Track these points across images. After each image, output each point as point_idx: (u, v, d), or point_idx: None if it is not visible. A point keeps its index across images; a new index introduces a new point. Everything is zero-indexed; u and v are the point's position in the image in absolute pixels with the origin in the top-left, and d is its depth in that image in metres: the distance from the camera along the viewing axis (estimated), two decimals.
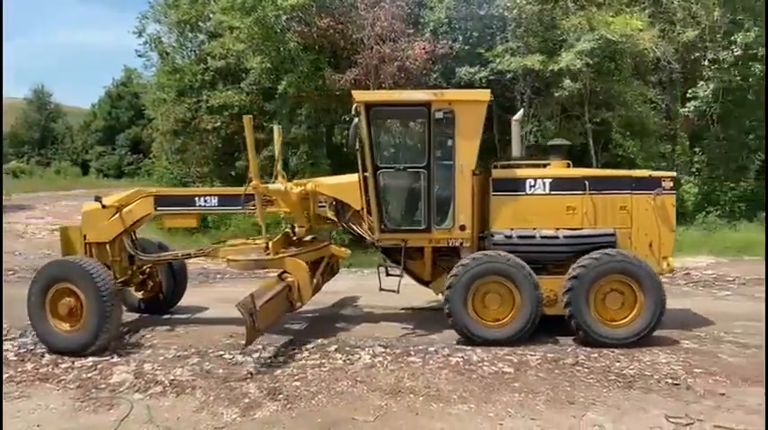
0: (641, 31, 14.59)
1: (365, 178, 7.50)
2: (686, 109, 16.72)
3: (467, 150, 7.31)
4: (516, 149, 8.16)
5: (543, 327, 7.19)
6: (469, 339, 7.08)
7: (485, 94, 7.42)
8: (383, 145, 7.74)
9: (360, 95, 7.36)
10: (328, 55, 16.31)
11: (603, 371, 6.19)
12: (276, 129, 8.55)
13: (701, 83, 16.32)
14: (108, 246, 7.77)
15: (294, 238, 8.12)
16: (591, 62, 14.40)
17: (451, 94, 7.72)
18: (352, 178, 7.75)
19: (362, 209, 7.67)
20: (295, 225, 8.09)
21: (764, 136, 17.05)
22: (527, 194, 7.48)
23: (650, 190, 7.56)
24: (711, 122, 17.37)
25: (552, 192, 7.49)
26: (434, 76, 15.83)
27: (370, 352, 6.84)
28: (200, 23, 18.60)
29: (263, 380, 6.02)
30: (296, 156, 16.24)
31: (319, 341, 7.33)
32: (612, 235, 7.38)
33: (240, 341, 6.80)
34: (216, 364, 6.53)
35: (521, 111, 8.18)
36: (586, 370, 6.25)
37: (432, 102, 7.26)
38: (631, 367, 6.29)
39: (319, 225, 8.38)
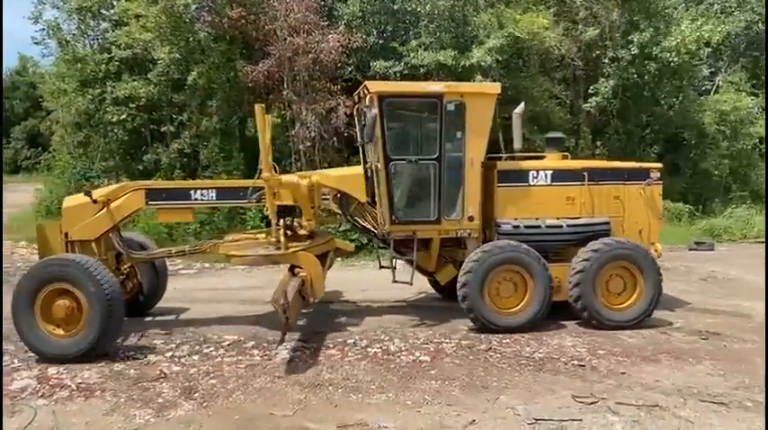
0: (547, 29, 15.17)
1: (374, 170, 7.50)
2: (588, 104, 17.56)
3: (476, 142, 7.43)
4: (518, 142, 8.19)
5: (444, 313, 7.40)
6: (485, 326, 7.22)
7: (495, 87, 7.59)
8: (393, 137, 7.55)
9: (373, 86, 7.29)
10: (240, 46, 15.96)
11: (515, 356, 6.44)
12: (259, 108, 8.10)
13: (602, 80, 17.20)
14: (94, 245, 7.17)
15: (300, 232, 7.80)
16: (500, 59, 14.84)
17: (463, 86, 7.94)
18: (357, 170, 7.79)
19: (366, 201, 7.69)
20: (296, 219, 7.82)
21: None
22: (530, 185, 7.75)
23: (641, 180, 8.07)
24: (611, 117, 18.34)
25: (554, 183, 7.79)
26: (349, 69, 15.83)
27: (289, 346, 6.79)
28: (102, 11, 17.69)
29: (177, 380, 5.85)
30: (207, 149, 15.80)
31: (236, 337, 7.20)
32: (608, 223, 7.81)
33: (152, 341, 6.59)
34: (126, 365, 6.29)
35: (521, 105, 8.34)
36: (499, 355, 6.49)
37: (444, 94, 7.32)
38: (540, 351, 6.58)
39: (322, 218, 8.23)
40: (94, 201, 7.19)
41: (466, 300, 7.19)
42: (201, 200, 7.58)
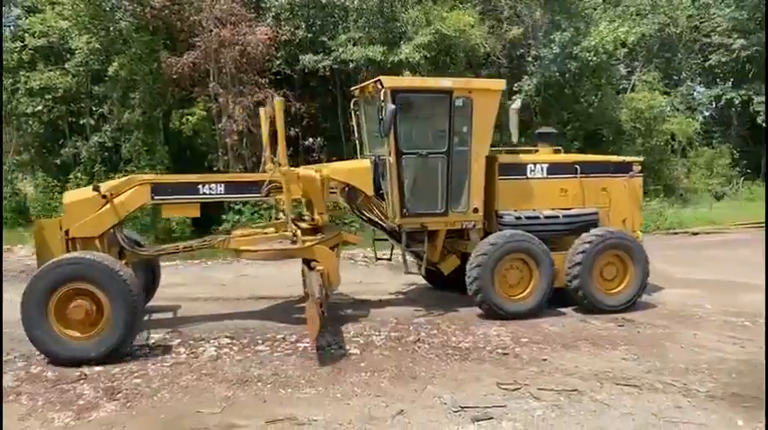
0: (472, 27, 15.51)
1: (383, 164, 7.63)
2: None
3: (482, 137, 7.72)
4: (515, 136, 8.54)
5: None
6: (494, 313, 7.50)
7: (499, 84, 8.06)
8: (405, 131, 7.67)
9: (388, 81, 7.36)
10: (164, 36, 15.50)
11: (442, 346, 6.58)
12: (263, 110, 8.27)
13: (526, 77, 17.73)
14: (97, 242, 6.73)
15: (303, 226, 7.64)
16: (428, 55, 15.05)
17: (472, 82, 8.18)
18: (365, 164, 7.88)
19: (373, 194, 7.81)
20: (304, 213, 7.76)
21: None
22: (528, 178, 8.12)
23: (624, 173, 8.60)
24: (535, 114, 18.94)
25: (549, 176, 8.20)
26: (278, 62, 15.68)
27: (216, 344, 6.69)
28: None
29: (98, 380, 5.66)
30: (129, 143, 15.28)
31: (162, 336, 7.04)
32: (596, 214, 8.30)
33: None
34: (44, 367, 6.03)
35: (519, 101, 8.58)
36: (427, 346, 6.61)
37: (454, 89, 7.56)
38: (467, 340, 6.76)
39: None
40: (104, 197, 6.77)
41: (479, 287, 7.46)
42: (209, 194, 7.26)
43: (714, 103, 26.63)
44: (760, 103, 23.98)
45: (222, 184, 7.28)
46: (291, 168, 7.22)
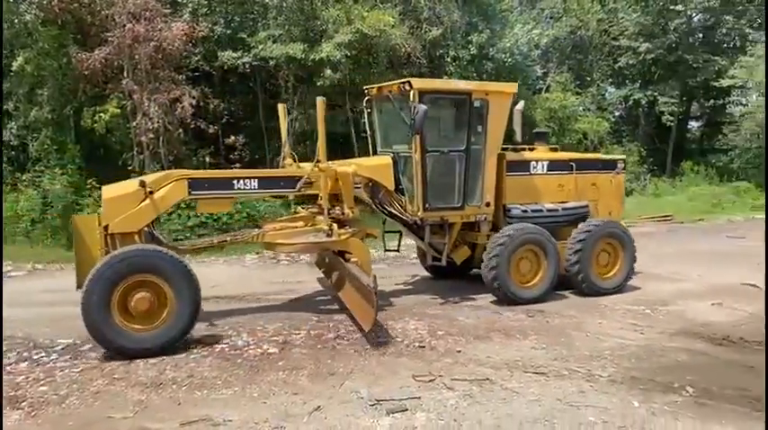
0: (393, 27, 15.67)
1: (405, 160, 8.21)
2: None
3: (495, 136, 8.36)
4: (519, 135, 9.15)
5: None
6: (510, 299, 8.14)
7: (512, 87, 8.63)
8: (429, 130, 8.04)
9: (416, 83, 7.80)
10: (73, 31, 14.84)
11: (361, 342, 6.67)
12: (281, 107, 8.77)
13: (446, 77, 18.06)
14: (136, 237, 6.75)
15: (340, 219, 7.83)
16: (349, 54, 15.11)
17: (487, 85, 8.75)
18: (386, 160, 8.30)
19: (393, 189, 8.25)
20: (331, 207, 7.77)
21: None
22: (532, 174, 8.87)
23: (611, 170, 9.57)
24: None
25: (549, 173, 8.98)
26: (196, 59, 15.34)
27: None
28: None
29: None
30: (37, 142, 14.57)
31: (71, 341, 6.79)
32: (588, 206, 9.18)
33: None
34: None
35: (522, 102, 9.28)
36: (346, 342, 6.69)
37: (473, 91, 8.17)
38: (385, 336, 6.87)
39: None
40: (151, 193, 6.79)
41: (496, 275, 8.05)
42: (243, 189, 7.38)
43: (623, 103, 28.00)
44: (664, 103, 25.41)
45: (256, 180, 7.42)
46: (330, 165, 7.64)
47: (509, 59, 17.66)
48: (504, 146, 8.84)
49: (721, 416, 4.89)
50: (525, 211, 8.68)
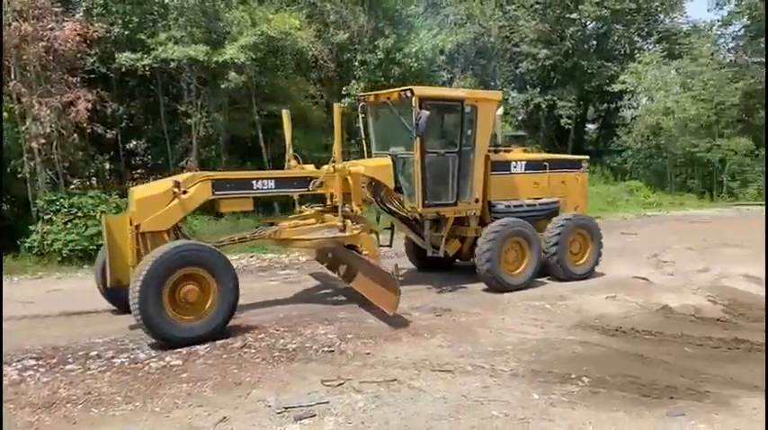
0: (299, 30, 15.58)
1: (404, 161, 8.94)
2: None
3: (483, 138, 9.20)
4: (500, 137, 10.31)
5: None
6: (500, 286, 8.95)
7: (498, 95, 9.79)
8: (427, 133, 8.65)
9: (417, 91, 8.50)
10: None
11: (269, 350, 6.57)
12: (285, 113, 9.30)
13: (353, 81, 18.16)
14: (165, 235, 7.13)
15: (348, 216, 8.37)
16: (255, 56, 14.87)
17: (476, 93, 9.86)
18: (387, 161, 8.92)
19: (393, 188, 8.93)
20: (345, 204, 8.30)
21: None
22: (512, 173, 9.75)
23: (577, 169, 10.62)
24: None
25: (526, 171, 9.90)
26: (91, 60, 14.62)
27: (19, 366, 6.11)
28: None
29: None
30: None
31: None
32: (558, 202, 10.08)
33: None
34: None
35: (501, 108, 9.97)
36: (253, 351, 6.56)
37: (464, 98, 9.01)
38: (294, 342, 6.80)
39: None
40: (184, 192, 7.22)
41: (489, 266, 8.83)
42: (262, 189, 7.91)
43: (525, 107, 29.16)
44: (563, 107, 26.69)
45: (273, 180, 8.02)
46: (345, 163, 8.38)
47: (415, 64, 17.95)
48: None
49: (613, 404, 5.17)
50: (508, 207, 9.57)
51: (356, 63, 18.27)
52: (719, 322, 7.62)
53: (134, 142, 17.03)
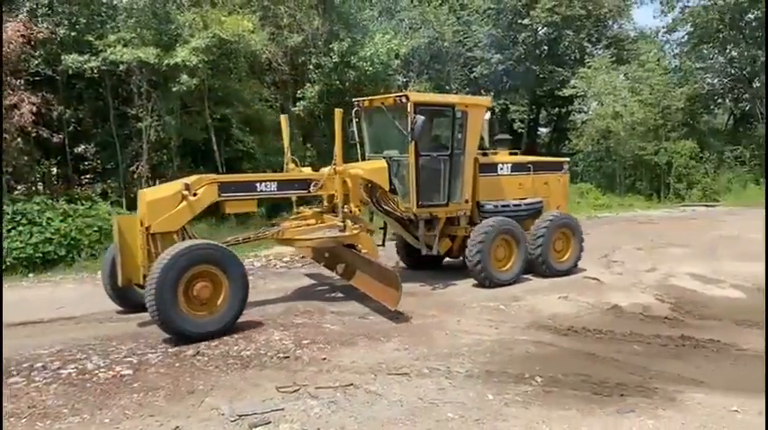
0: (252, 32, 15.42)
1: (399, 163, 9.31)
2: (297, 108, 18.32)
3: (472, 142, 9.62)
4: (487, 141, 10.59)
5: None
6: (490, 281, 9.34)
7: (487, 100, 10.22)
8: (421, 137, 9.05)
9: (413, 96, 8.92)
10: None
11: (223, 357, 6.46)
12: (284, 118, 9.36)
13: (308, 85, 18.09)
14: (174, 236, 7.40)
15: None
16: (207, 59, 14.65)
17: (467, 99, 10.29)
18: (382, 164, 9.29)
19: (388, 189, 9.30)
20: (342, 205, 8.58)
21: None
22: (498, 175, 10.23)
23: (559, 170, 11.13)
24: (319, 120, 19.41)
25: (512, 173, 10.38)
26: (36, 62, 14.16)
27: None
28: None
29: None
30: None
31: None
32: (542, 202, 10.57)
33: None
34: None
35: (488, 113, 10.32)
36: (207, 358, 6.44)
37: (456, 104, 9.41)
38: (248, 349, 6.70)
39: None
40: (194, 194, 7.48)
41: (479, 261, 9.22)
42: (265, 191, 8.18)
43: None
44: (516, 111, 27.15)
45: (275, 183, 8.31)
46: (345, 165, 8.66)
47: (371, 68, 17.98)
48: None
49: (566, 402, 5.27)
50: (496, 206, 10.05)
51: (311, 66, 18.19)
52: (667, 320, 7.85)
53: (82, 146, 16.53)
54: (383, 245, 10.31)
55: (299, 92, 18.27)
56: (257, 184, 8.15)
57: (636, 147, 24.71)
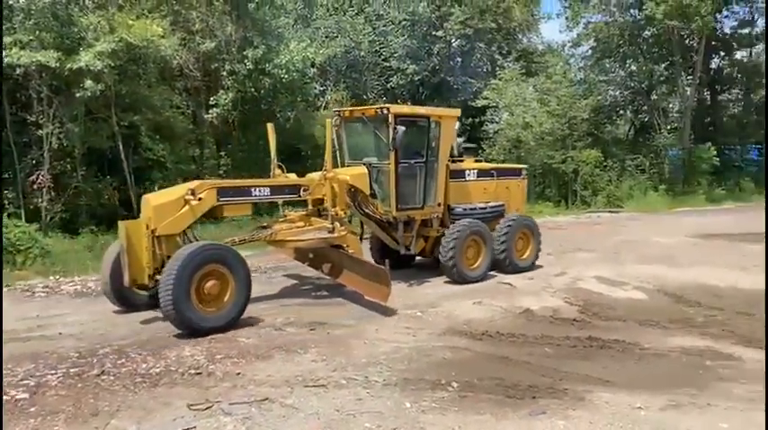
0: (162, 37, 14.90)
1: (379, 170, 9.96)
2: (210, 115, 17.86)
3: (444, 150, 10.44)
4: (456, 150, 11.19)
5: None
6: (462, 279, 10.15)
7: (457, 112, 11.05)
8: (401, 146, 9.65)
9: (393, 109, 9.63)
10: None
11: (130, 375, 6.16)
12: (270, 126, 9.95)
13: (222, 92, 17.67)
14: (178, 238, 7.91)
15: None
16: (113, 64, 14.02)
17: (439, 110, 10.82)
18: (364, 170, 9.91)
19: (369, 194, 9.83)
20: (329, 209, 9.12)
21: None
22: (466, 180, 11.07)
23: (518, 176, 12.06)
24: (234, 128, 19.01)
25: (478, 179, 11.26)
26: None
27: None
28: None
29: None
30: None
31: None
32: (503, 206, 11.43)
33: None
34: None
35: (458, 123, 11.21)
36: (113, 377, 6.12)
37: (431, 115, 10.20)
38: (158, 366, 6.42)
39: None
40: (199, 199, 7.96)
41: (454, 262, 10.02)
42: (260, 196, 8.76)
43: None
44: None
45: (268, 188, 8.91)
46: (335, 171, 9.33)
47: (286, 75, 17.77)
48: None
49: (480, 407, 5.36)
50: (465, 210, 10.82)
51: (224, 73, 17.77)
52: (575, 322, 8.16)
53: None
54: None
55: (212, 99, 17.81)
56: (252, 190, 8.70)
57: (545, 155, 25.62)
